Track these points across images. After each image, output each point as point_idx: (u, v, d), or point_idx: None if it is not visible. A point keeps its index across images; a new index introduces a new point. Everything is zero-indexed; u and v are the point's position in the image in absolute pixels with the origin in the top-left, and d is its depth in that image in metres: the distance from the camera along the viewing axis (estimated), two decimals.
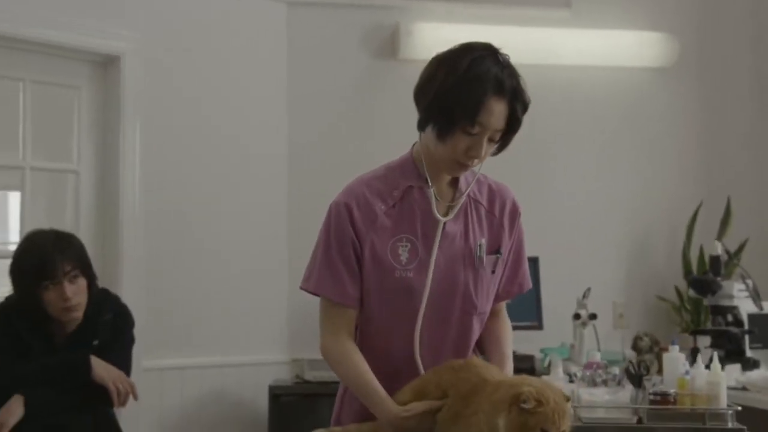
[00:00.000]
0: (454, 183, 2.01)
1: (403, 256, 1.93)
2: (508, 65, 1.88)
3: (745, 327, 3.84)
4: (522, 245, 2.09)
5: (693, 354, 3.49)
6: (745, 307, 3.87)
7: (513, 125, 1.89)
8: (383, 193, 1.97)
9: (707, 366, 2.78)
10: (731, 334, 3.79)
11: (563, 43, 4.49)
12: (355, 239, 1.94)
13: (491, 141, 1.89)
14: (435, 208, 1.95)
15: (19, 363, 2.64)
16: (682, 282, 4.39)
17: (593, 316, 3.95)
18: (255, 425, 4.11)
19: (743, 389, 3.32)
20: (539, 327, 4.22)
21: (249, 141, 4.20)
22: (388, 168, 2.02)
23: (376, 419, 1.89)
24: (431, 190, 1.96)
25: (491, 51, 1.89)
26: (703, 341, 3.91)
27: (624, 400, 2.77)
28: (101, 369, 2.65)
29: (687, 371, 2.78)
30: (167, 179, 3.97)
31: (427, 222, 1.95)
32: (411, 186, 1.97)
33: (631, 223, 4.57)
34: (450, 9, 4.44)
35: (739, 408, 2.71)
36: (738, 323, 3.85)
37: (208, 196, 4.07)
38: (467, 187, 2.00)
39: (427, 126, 1.91)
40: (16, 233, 3.76)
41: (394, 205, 1.96)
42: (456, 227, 1.97)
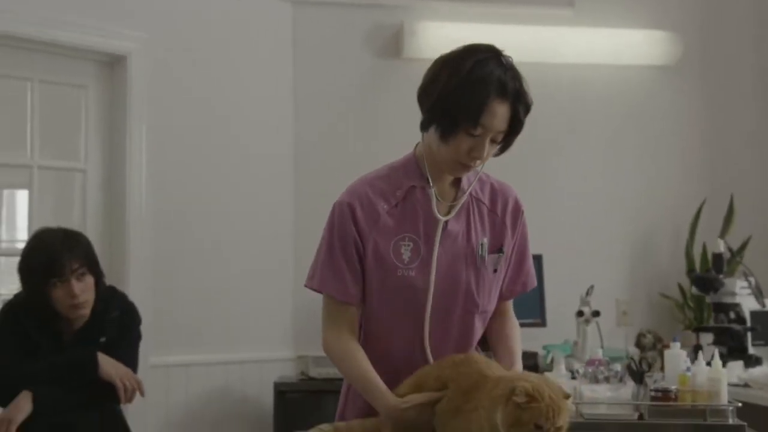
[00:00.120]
0: (456, 183, 2.02)
1: (406, 255, 1.95)
2: (511, 67, 1.89)
3: (748, 324, 3.85)
4: (526, 244, 2.10)
5: (695, 351, 3.50)
6: (748, 305, 3.87)
7: (515, 127, 1.90)
8: (386, 193, 1.98)
9: (708, 363, 2.80)
10: (734, 331, 3.81)
11: (567, 42, 4.49)
12: (358, 239, 1.95)
13: (493, 142, 1.90)
14: (435, 207, 1.96)
15: (27, 361, 2.65)
16: (685, 279, 4.40)
17: (596, 313, 3.95)
18: (260, 422, 4.13)
19: (745, 386, 3.33)
20: (542, 324, 4.23)
21: (255, 140, 4.22)
22: (391, 168, 2.04)
23: (379, 415, 1.91)
24: (432, 189, 1.98)
25: (494, 53, 1.90)
26: (706, 338, 3.93)
27: (625, 396, 2.78)
28: (108, 366, 2.66)
29: (688, 368, 2.80)
30: (174, 178, 3.99)
31: (429, 222, 1.96)
32: (414, 186, 1.98)
33: (635, 221, 4.58)
34: (454, 8, 4.45)
35: (740, 404, 2.71)
36: (740, 320, 3.87)
37: (214, 194, 4.09)
38: (469, 187, 2.01)
39: (430, 127, 1.92)
40: (24, 231, 3.79)
41: (396, 205, 1.97)
42: (458, 226, 1.98)
